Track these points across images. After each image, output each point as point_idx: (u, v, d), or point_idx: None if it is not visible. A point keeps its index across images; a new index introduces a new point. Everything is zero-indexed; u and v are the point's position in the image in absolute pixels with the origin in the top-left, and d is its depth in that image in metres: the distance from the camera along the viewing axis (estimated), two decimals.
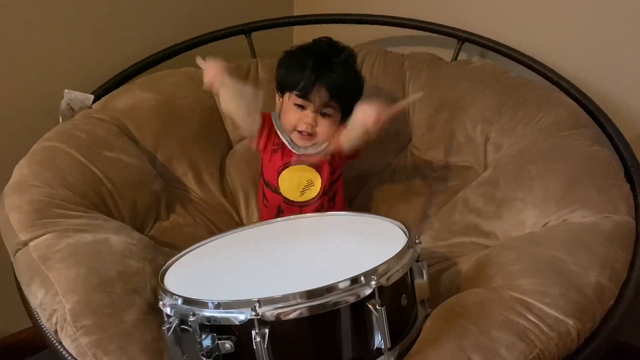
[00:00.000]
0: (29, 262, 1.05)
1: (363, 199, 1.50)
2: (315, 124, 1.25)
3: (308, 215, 1.22)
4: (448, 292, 1.08)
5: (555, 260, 1.02)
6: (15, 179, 1.18)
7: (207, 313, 0.85)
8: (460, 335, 0.91)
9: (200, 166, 1.46)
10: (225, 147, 1.54)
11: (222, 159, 1.51)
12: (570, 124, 1.30)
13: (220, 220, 1.40)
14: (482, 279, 1.06)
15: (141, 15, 1.59)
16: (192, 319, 0.85)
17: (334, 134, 1.27)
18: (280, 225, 1.18)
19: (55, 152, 1.24)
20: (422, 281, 0.97)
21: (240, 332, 0.84)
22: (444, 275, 1.17)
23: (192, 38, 1.63)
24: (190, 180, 1.44)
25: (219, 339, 0.85)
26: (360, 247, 1.03)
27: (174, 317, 0.88)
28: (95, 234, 1.10)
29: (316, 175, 1.30)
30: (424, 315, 0.99)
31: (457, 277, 1.15)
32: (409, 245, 0.95)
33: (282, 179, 1.31)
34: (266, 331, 0.83)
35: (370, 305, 0.85)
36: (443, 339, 0.91)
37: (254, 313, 0.82)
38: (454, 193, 1.39)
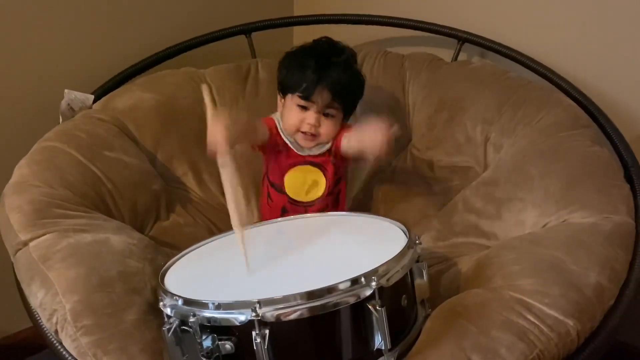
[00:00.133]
0: (29, 262, 1.05)
1: (363, 199, 1.50)
2: (318, 125, 1.25)
3: (308, 215, 1.22)
4: (448, 293, 1.08)
5: (555, 261, 1.02)
6: (16, 179, 1.18)
7: (207, 314, 0.85)
8: (460, 336, 0.91)
9: (200, 166, 1.46)
10: None
11: None
12: (570, 124, 1.30)
13: (220, 220, 1.40)
14: (482, 279, 1.06)
15: (141, 15, 1.59)
16: (192, 319, 0.85)
17: (337, 133, 1.27)
18: (281, 226, 1.18)
19: (56, 152, 1.24)
20: (422, 281, 0.97)
21: (241, 333, 0.84)
22: (444, 276, 1.17)
23: (192, 38, 1.63)
24: (190, 180, 1.44)
25: (219, 340, 0.85)
26: (361, 248, 1.03)
27: (175, 318, 0.88)
28: (96, 234, 1.10)
29: (321, 175, 1.30)
30: (424, 316, 0.99)
31: (457, 277, 1.15)
32: (409, 245, 0.95)
33: (288, 179, 1.31)
34: (266, 332, 0.82)
35: (370, 306, 0.85)
36: (443, 339, 0.91)
37: (254, 314, 0.82)
38: (454, 193, 1.39)
